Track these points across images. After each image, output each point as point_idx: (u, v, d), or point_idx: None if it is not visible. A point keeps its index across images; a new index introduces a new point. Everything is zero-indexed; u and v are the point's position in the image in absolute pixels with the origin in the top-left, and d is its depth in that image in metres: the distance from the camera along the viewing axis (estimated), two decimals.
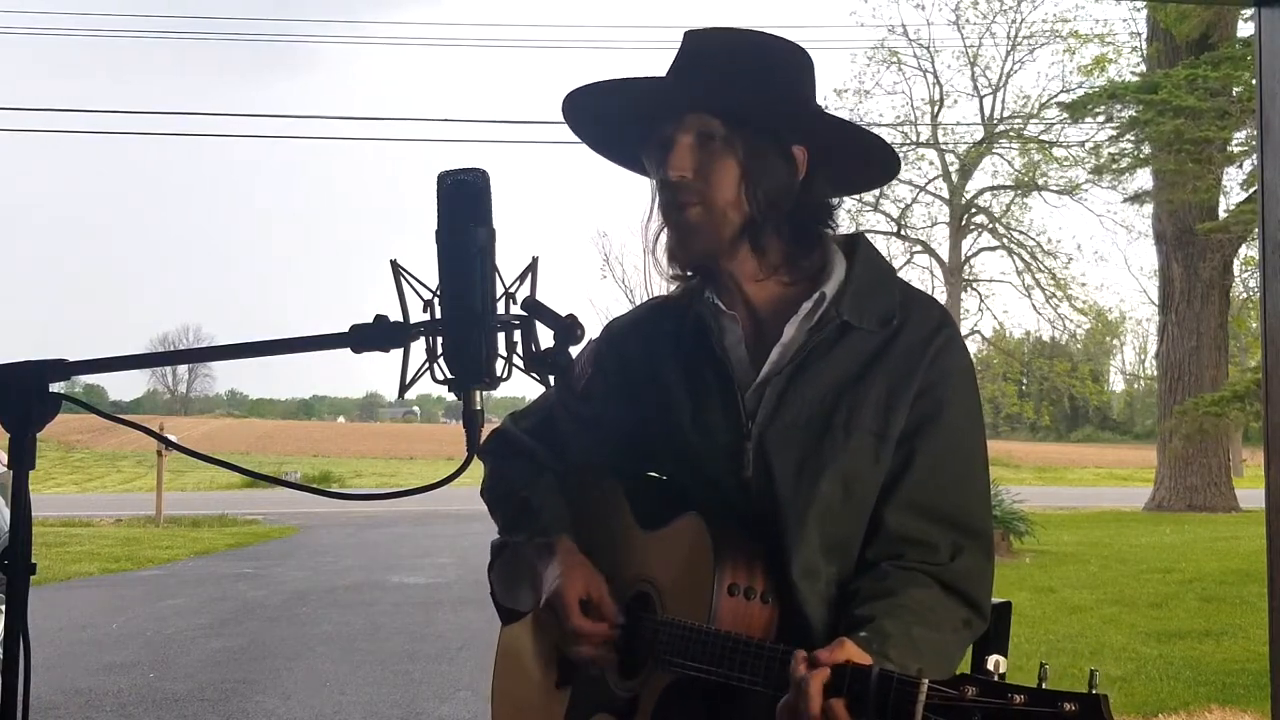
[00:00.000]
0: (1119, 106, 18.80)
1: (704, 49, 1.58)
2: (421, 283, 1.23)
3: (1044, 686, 1.13)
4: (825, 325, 1.55)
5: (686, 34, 1.59)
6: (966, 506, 1.55)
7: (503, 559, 1.80)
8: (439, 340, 1.22)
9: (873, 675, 1.23)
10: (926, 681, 1.17)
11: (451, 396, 1.24)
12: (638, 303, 1.77)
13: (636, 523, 1.65)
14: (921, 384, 1.54)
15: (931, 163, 28.32)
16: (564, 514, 1.71)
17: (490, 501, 1.81)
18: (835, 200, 1.65)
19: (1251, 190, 17.20)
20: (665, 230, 1.60)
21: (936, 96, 28.05)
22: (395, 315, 1.22)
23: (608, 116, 1.63)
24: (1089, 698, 1.10)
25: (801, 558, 1.50)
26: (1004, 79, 27.86)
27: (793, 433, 1.54)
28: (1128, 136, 19.74)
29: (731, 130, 1.53)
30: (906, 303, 1.59)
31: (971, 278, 29.75)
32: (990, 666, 1.19)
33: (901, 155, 28.43)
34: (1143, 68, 20.49)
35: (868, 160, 1.65)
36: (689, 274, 1.63)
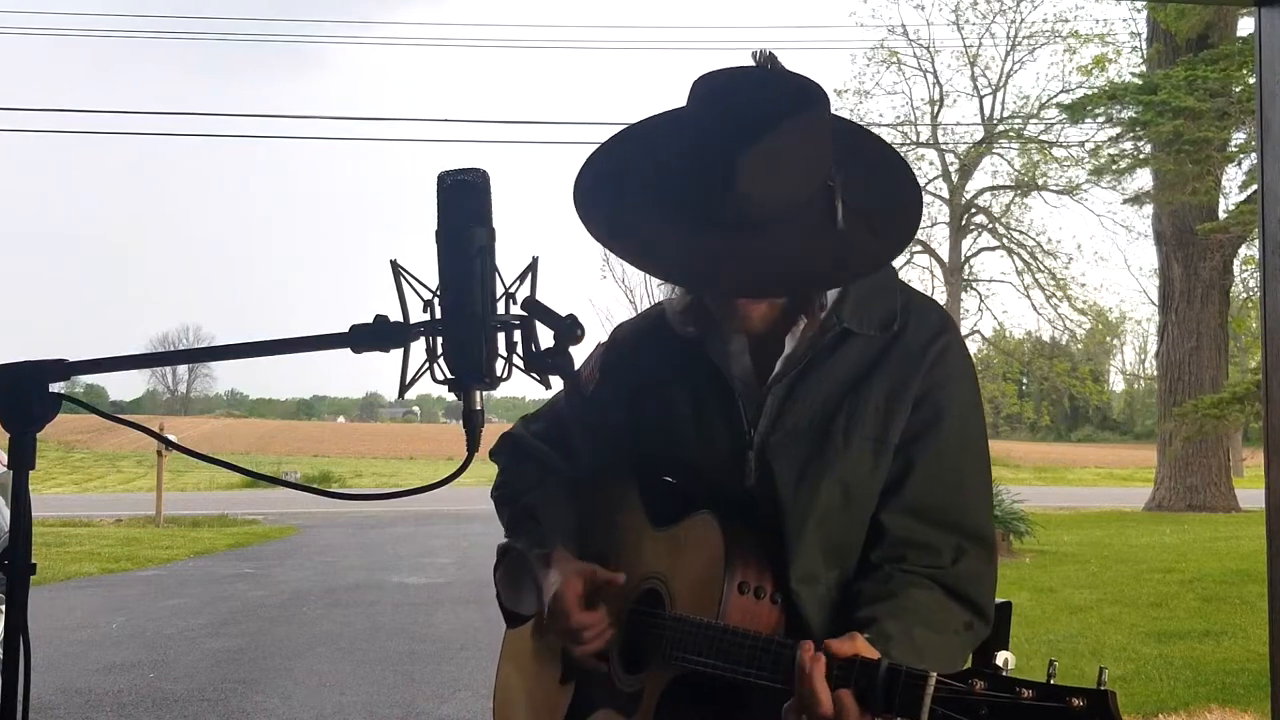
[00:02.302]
0: (1118, 107, 18.79)
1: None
2: (421, 283, 1.22)
3: (1053, 682, 1.13)
4: (826, 333, 1.55)
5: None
6: (968, 510, 1.55)
7: (507, 562, 1.81)
8: (439, 340, 1.22)
9: (881, 668, 1.24)
10: (935, 675, 1.17)
11: (451, 396, 1.24)
12: (638, 302, 1.78)
13: (649, 520, 1.66)
14: (920, 389, 1.53)
15: (931, 163, 28.35)
16: (564, 522, 1.72)
17: (497, 502, 1.84)
18: None
19: (1251, 190, 17.19)
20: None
21: (936, 96, 28.09)
22: (395, 315, 1.22)
23: None
24: (1097, 693, 1.11)
25: (801, 563, 1.51)
26: (1004, 79, 27.90)
27: (794, 439, 1.54)
28: (1127, 137, 19.74)
29: None
30: (908, 306, 1.58)
31: (971, 278, 29.77)
32: (999, 662, 1.20)
33: (901, 155, 28.75)
34: (1143, 68, 20.47)
35: None
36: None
